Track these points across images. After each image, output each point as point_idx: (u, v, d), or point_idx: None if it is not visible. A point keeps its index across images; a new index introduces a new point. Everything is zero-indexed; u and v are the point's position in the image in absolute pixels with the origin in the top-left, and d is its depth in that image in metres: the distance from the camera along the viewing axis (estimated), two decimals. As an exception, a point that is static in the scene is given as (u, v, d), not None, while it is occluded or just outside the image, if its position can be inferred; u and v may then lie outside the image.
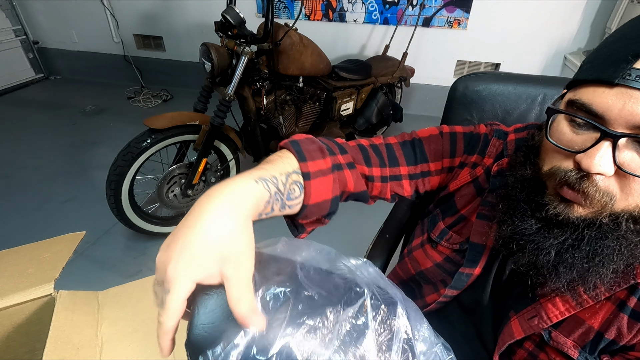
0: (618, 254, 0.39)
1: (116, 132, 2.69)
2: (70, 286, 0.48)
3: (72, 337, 0.42)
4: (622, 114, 0.35)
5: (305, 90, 1.80)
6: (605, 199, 0.38)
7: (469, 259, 0.55)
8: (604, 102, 0.36)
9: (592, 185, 0.38)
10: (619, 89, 0.35)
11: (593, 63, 0.39)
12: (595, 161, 0.36)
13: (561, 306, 0.46)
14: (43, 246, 0.55)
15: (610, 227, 0.39)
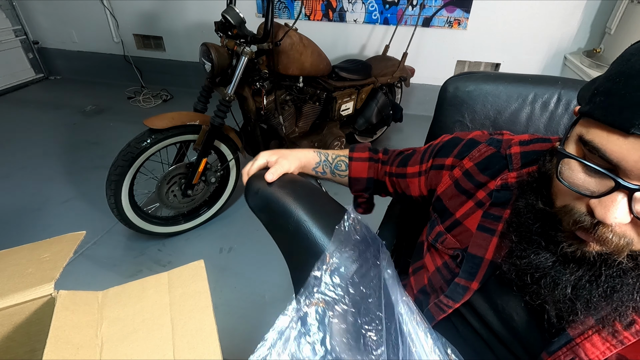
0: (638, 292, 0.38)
1: (116, 132, 2.69)
2: (70, 286, 0.48)
3: (72, 337, 0.42)
4: (639, 166, 0.33)
5: (305, 90, 1.80)
6: (622, 243, 0.36)
7: (465, 270, 0.54)
8: (618, 151, 0.34)
9: (608, 231, 0.36)
10: (634, 139, 0.33)
11: (607, 99, 0.35)
12: (610, 213, 0.34)
13: (601, 345, 0.42)
14: (43, 246, 0.55)
15: (629, 267, 0.37)
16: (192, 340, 0.44)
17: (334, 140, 1.98)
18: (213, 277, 1.58)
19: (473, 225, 0.55)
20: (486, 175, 0.56)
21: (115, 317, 0.46)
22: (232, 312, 1.42)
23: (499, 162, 0.56)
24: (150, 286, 0.51)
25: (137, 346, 0.43)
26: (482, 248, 0.52)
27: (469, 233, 0.55)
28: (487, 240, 0.52)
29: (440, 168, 0.62)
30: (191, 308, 0.47)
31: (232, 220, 1.91)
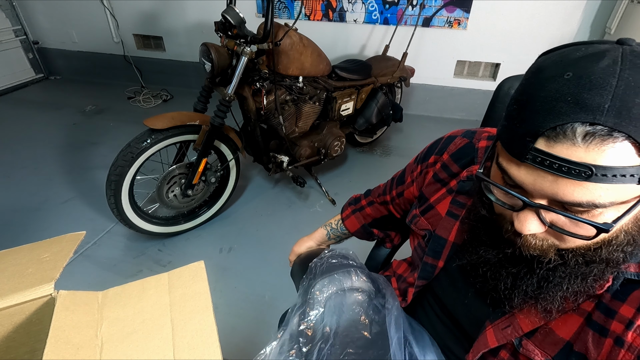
0: (567, 285, 0.42)
1: (116, 132, 2.69)
2: (71, 286, 0.47)
3: (72, 337, 0.42)
4: (535, 188, 0.38)
5: (305, 90, 1.80)
6: (546, 245, 0.42)
7: (431, 249, 0.62)
8: (516, 175, 0.39)
9: (532, 237, 0.42)
10: (527, 166, 0.37)
11: (508, 125, 0.40)
12: (524, 227, 0.40)
13: (533, 317, 0.48)
14: (43, 246, 0.55)
15: (559, 263, 0.42)
16: (192, 341, 0.44)
17: (334, 140, 1.98)
18: (213, 277, 1.58)
19: (443, 210, 0.61)
20: (459, 165, 0.62)
21: (115, 318, 0.46)
22: (232, 312, 1.42)
23: (471, 153, 0.61)
24: (150, 286, 0.51)
25: (137, 346, 0.43)
26: (447, 231, 0.60)
27: (439, 217, 0.62)
28: (452, 224, 0.59)
29: (426, 167, 0.69)
30: (191, 308, 0.47)
31: (232, 220, 1.91)
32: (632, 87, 0.32)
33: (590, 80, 0.33)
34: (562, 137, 0.34)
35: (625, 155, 0.33)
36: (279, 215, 1.95)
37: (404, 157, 2.50)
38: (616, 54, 0.35)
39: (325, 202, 2.03)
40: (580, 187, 0.34)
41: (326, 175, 2.28)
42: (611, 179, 0.33)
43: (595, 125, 0.32)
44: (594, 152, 0.33)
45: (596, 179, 0.33)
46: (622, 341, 0.40)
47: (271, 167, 1.91)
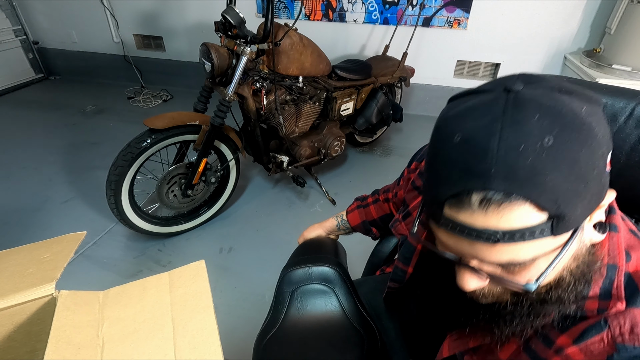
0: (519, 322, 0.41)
1: (116, 132, 2.69)
2: (71, 286, 0.48)
3: (73, 337, 0.42)
4: (458, 252, 0.38)
5: (305, 90, 1.80)
6: (495, 292, 0.41)
7: (402, 254, 0.64)
8: (441, 238, 0.39)
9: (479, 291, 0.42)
10: (444, 229, 0.37)
11: (426, 184, 0.40)
12: (465, 284, 0.39)
13: (480, 335, 0.48)
14: (43, 246, 0.55)
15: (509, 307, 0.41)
16: (193, 341, 0.44)
17: (334, 140, 1.98)
18: (213, 277, 1.58)
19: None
20: None
21: (116, 317, 0.46)
22: (233, 312, 1.42)
23: None
24: (151, 286, 0.51)
25: (138, 346, 0.43)
26: (416, 240, 0.59)
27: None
28: (421, 232, 0.58)
29: (409, 173, 0.72)
30: (192, 308, 0.47)
31: (232, 220, 1.91)
32: (513, 148, 0.31)
33: (475, 145, 0.33)
34: (462, 205, 0.34)
35: (526, 216, 0.32)
36: (279, 215, 1.95)
37: (404, 157, 2.50)
38: (499, 107, 0.34)
39: (325, 202, 2.03)
40: (496, 249, 0.34)
41: (326, 175, 2.28)
42: (520, 239, 0.33)
43: (487, 190, 0.32)
44: (494, 218, 0.33)
45: (504, 240, 0.33)
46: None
47: (271, 167, 1.91)
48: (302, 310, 0.67)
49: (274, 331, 0.67)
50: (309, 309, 0.67)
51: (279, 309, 0.68)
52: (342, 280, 0.70)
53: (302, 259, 0.74)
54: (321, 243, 0.85)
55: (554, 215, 0.32)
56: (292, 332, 0.66)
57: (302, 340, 0.66)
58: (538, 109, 0.32)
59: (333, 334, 0.66)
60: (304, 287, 0.69)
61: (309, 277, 0.69)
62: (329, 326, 0.67)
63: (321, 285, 0.69)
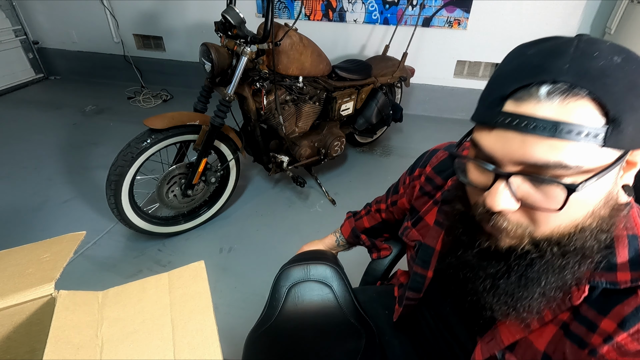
0: (545, 279, 0.41)
1: (116, 132, 2.69)
2: (71, 286, 0.47)
3: (72, 337, 0.42)
4: (505, 154, 0.38)
5: (305, 90, 1.80)
6: (520, 230, 0.41)
7: (419, 258, 0.62)
8: (487, 144, 0.39)
9: (503, 220, 0.41)
10: (497, 132, 0.38)
11: (480, 102, 0.42)
12: (495, 201, 0.39)
13: (513, 329, 0.47)
14: (43, 246, 0.55)
15: (535, 255, 0.41)
16: (193, 341, 0.44)
17: (334, 140, 1.98)
18: (213, 277, 1.58)
19: (431, 220, 0.62)
20: (442, 177, 0.63)
21: (115, 318, 0.46)
22: (232, 312, 1.42)
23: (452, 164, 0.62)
24: (150, 286, 0.51)
25: (138, 346, 0.43)
26: (434, 239, 0.60)
27: (428, 227, 0.63)
28: (439, 232, 0.59)
29: (412, 180, 0.71)
30: (192, 308, 0.47)
31: (232, 220, 1.91)
32: (588, 53, 0.35)
33: (551, 51, 0.36)
34: (528, 97, 0.36)
35: (588, 115, 0.34)
36: (279, 215, 1.95)
37: (404, 157, 2.50)
38: (573, 38, 0.38)
39: (325, 202, 2.03)
40: (548, 146, 0.35)
41: (326, 175, 2.28)
42: (575, 137, 0.34)
43: (557, 83, 0.34)
44: (557, 108, 0.34)
45: (561, 135, 0.34)
46: (595, 352, 0.40)
47: (271, 167, 1.91)
48: (297, 305, 0.67)
49: (267, 326, 0.66)
50: (305, 303, 0.67)
51: (273, 305, 0.68)
52: (339, 278, 0.69)
53: (299, 258, 0.74)
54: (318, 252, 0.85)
55: (612, 119, 0.34)
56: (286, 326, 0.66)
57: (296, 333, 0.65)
58: (608, 43, 0.37)
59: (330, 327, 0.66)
60: (301, 284, 0.68)
61: (307, 274, 0.69)
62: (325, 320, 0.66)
63: (318, 283, 0.69)
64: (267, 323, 0.66)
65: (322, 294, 0.68)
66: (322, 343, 0.64)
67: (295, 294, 0.68)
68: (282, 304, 0.67)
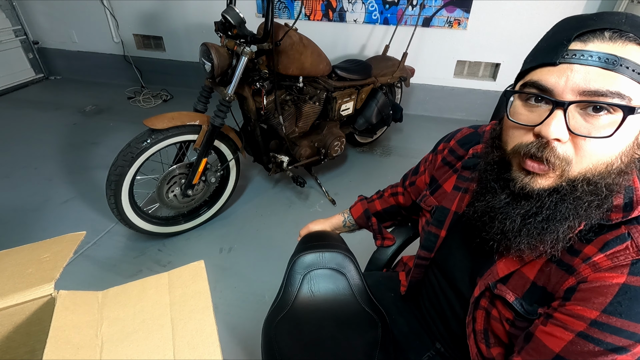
0: (574, 213, 0.46)
1: (116, 132, 2.69)
2: (70, 286, 0.47)
3: (72, 337, 0.42)
4: (568, 85, 0.43)
5: (305, 90, 1.80)
6: (564, 164, 0.45)
7: (435, 219, 0.68)
8: (551, 78, 0.44)
9: (552, 152, 0.45)
10: (561, 66, 0.44)
11: (535, 54, 0.49)
12: (551, 128, 0.43)
13: (509, 263, 0.53)
14: (43, 246, 0.55)
15: (568, 191, 0.46)
16: (193, 341, 0.44)
17: (334, 140, 1.98)
18: (213, 277, 1.58)
19: (449, 187, 0.68)
20: (464, 149, 0.69)
21: (115, 317, 0.46)
22: (232, 312, 1.42)
23: (475, 138, 0.69)
24: (150, 286, 0.51)
25: (138, 346, 0.43)
26: (450, 202, 0.66)
27: (445, 194, 0.69)
28: (455, 195, 0.66)
29: (435, 155, 0.76)
30: (191, 308, 0.47)
31: (232, 220, 1.91)
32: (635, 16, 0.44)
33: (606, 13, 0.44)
34: (593, 38, 0.43)
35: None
36: (279, 215, 1.95)
37: (404, 157, 2.50)
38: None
39: (326, 202, 2.03)
40: (609, 77, 0.41)
41: (326, 175, 2.28)
42: (631, 73, 0.41)
43: (618, 30, 0.42)
44: (620, 48, 0.42)
45: (621, 70, 0.41)
46: (573, 270, 0.46)
47: (271, 167, 1.91)
48: (314, 293, 0.68)
49: (285, 312, 0.67)
50: (321, 291, 0.68)
51: (289, 290, 0.68)
52: (353, 266, 0.70)
53: (313, 245, 0.75)
54: (326, 234, 0.86)
55: None
56: (304, 313, 0.67)
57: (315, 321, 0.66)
58: None
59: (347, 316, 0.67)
60: (315, 270, 0.69)
61: (321, 261, 0.70)
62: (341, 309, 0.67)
63: (333, 270, 0.70)
64: (285, 309, 0.67)
65: (336, 282, 0.69)
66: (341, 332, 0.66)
67: (310, 281, 0.69)
68: (298, 290, 0.68)
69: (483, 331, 0.58)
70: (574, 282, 0.46)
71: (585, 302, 0.44)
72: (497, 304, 0.55)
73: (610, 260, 0.44)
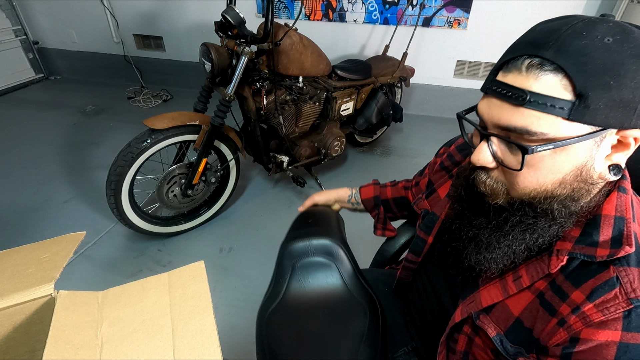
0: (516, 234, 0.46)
1: (116, 132, 2.69)
2: (71, 286, 0.47)
3: (72, 337, 0.42)
4: (489, 118, 0.44)
5: (305, 90, 1.80)
6: (498, 186, 0.47)
7: (424, 224, 0.68)
8: (480, 108, 0.46)
9: (486, 174, 0.48)
10: (487, 98, 0.45)
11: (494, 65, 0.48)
12: (478, 156, 0.46)
13: (492, 293, 0.51)
14: (43, 246, 0.55)
15: (509, 212, 0.47)
16: (193, 341, 0.44)
17: (334, 140, 1.98)
18: (213, 277, 1.58)
19: (443, 193, 0.68)
20: (462, 155, 0.70)
21: (115, 318, 0.46)
22: (232, 312, 1.42)
23: None
24: (150, 286, 0.51)
25: (137, 346, 0.43)
26: (440, 209, 0.66)
27: (438, 199, 0.69)
28: (446, 203, 0.65)
29: (436, 158, 0.77)
30: (191, 309, 0.47)
31: (232, 220, 1.91)
32: (578, 32, 0.38)
33: (550, 28, 0.40)
34: (513, 68, 0.41)
35: (557, 88, 0.38)
36: (279, 215, 1.95)
37: (404, 157, 2.50)
38: (586, 17, 0.41)
39: (325, 202, 2.03)
40: (518, 113, 0.41)
41: (326, 175, 2.28)
42: (542, 107, 0.39)
43: (537, 57, 0.39)
44: (532, 79, 0.39)
45: (530, 105, 0.39)
46: (564, 322, 0.43)
47: (271, 167, 1.91)
48: (303, 284, 0.67)
49: (276, 304, 0.67)
50: (310, 282, 0.68)
51: (280, 282, 0.68)
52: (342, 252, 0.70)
53: (301, 232, 0.74)
54: (321, 215, 0.85)
55: (578, 94, 0.38)
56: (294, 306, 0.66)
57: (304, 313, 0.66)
58: (613, 22, 0.40)
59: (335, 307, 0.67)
60: (304, 260, 0.68)
61: (310, 250, 0.69)
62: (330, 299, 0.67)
63: (322, 258, 0.69)
64: (275, 301, 0.67)
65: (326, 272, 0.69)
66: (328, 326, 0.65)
67: (299, 272, 0.68)
68: (288, 281, 0.68)
69: (463, 353, 0.56)
70: (565, 338, 0.43)
71: None
72: (481, 334, 0.53)
73: (601, 313, 0.40)
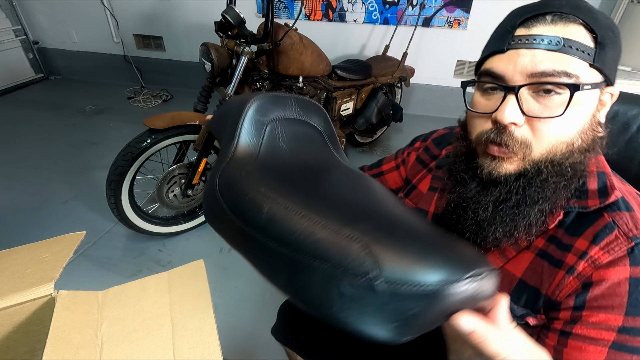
0: (542, 196, 0.46)
1: (116, 132, 2.69)
2: (71, 286, 0.47)
3: (72, 337, 0.42)
4: (516, 69, 0.45)
5: (305, 90, 1.80)
6: (524, 148, 0.46)
7: None
8: (500, 65, 0.46)
9: (510, 136, 0.46)
10: (509, 53, 0.46)
11: (487, 45, 0.51)
12: (505, 113, 0.45)
13: (492, 261, 0.52)
14: (43, 246, 0.55)
15: (533, 174, 0.47)
16: (192, 340, 0.44)
17: (334, 140, 1.98)
18: (213, 277, 1.58)
19: (425, 188, 0.68)
20: (439, 148, 0.70)
21: (115, 317, 0.46)
22: (232, 312, 1.42)
23: (450, 138, 0.69)
24: (150, 286, 0.51)
25: (137, 346, 0.43)
26: (427, 203, 0.65)
27: (421, 195, 0.68)
28: (432, 196, 0.64)
29: (410, 152, 0.77)
30: (191, 308, 0.47)
31: (232, 220, 1.91)
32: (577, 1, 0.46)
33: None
34: (536, 22, 0.45)
35: (584, 35, 0.44)
36: (279, 215, 1.95)
37: (404, 157, 2.50)
38: None
39: (325, 202, 2.03)
40: (554, 57, 0.43)
41: (326, 175, 2.28)
42: (574, 51, 0.43)
43: (559, 13, 0.44)
44: (561, 29, 0.44)
45: (565, 49, 0.43)
46: (573, 269, 0.45)
47: (271, 167, 1.91)
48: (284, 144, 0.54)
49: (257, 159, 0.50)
50: (291, 142, 0.55)
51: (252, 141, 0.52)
52: (327, 123, 0.62)
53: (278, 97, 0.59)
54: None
55: (599, 42, 0.43)
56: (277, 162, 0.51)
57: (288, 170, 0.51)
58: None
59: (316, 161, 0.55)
60: (284, 121, 0.56)
61: (293, 111, 0.57)
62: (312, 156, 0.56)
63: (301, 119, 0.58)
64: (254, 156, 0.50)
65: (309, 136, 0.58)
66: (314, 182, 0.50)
67: (277, 130, 0.54)
68: (263, 140, 0.52)
69: None
70: (577, 286, 0.44)
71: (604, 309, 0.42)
72: None
73: (608, 253, 0.43)
